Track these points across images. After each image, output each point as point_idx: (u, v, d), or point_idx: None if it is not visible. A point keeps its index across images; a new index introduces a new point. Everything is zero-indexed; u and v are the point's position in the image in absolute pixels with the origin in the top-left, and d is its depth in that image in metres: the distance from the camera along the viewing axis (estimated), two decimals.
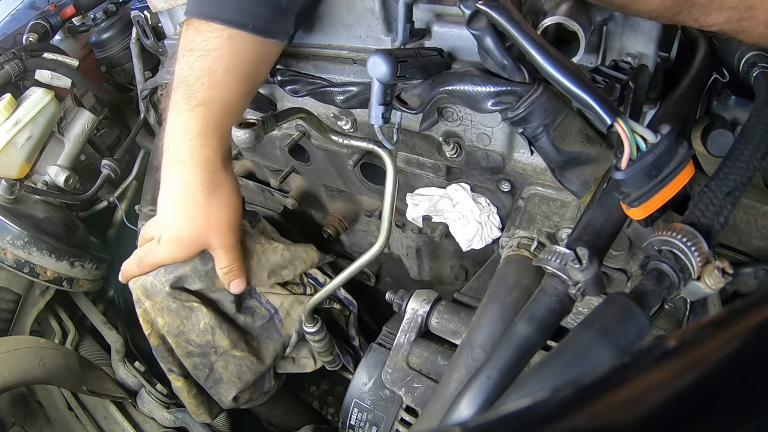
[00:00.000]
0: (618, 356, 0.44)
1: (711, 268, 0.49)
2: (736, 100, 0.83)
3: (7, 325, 1.39)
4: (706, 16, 0.59)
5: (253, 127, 0.73)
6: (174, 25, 1.19)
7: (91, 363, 1.29)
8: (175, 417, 1.28)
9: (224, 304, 1.16)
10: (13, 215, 1.32)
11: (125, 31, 1.56)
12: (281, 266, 1.18)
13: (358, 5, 0.82)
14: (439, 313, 0.90)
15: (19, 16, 1.60)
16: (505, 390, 0.49)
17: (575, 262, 0.51)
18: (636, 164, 0.51)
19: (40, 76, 1.39)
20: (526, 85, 0.65)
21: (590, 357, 0.44)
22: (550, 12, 0.67)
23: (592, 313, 0.48)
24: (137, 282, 1.10)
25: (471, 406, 0.50)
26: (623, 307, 0.47)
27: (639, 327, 0.46)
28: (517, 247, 0.80)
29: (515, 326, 0.53)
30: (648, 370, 0.27)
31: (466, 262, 1.24)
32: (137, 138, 1.63)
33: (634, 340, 0.46)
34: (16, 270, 1.30)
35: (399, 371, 0.87)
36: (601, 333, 0.45)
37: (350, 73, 0.91)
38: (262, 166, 1.43)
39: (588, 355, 0.44)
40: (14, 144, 1.29)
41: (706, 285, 0.49)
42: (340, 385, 1.78)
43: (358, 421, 0.92)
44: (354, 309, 1.31)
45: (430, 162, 0.97)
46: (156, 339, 1.12)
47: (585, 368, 0.44)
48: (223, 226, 0.94)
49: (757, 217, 0.82)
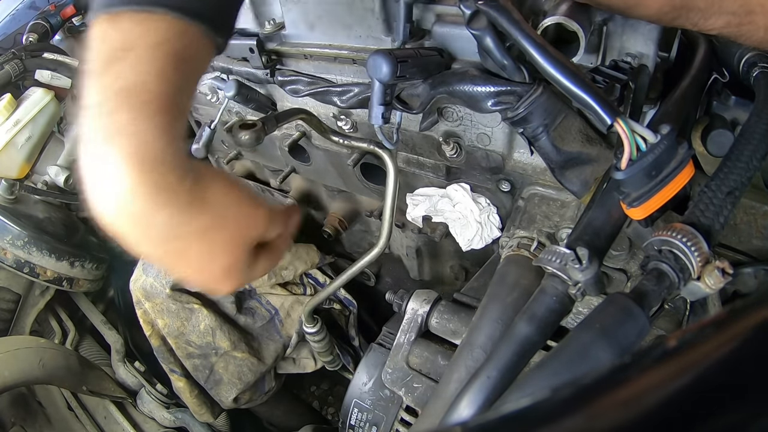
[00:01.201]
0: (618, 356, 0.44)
1: (711, 268, 0.48)
2: (736, 100, 0.83)
3: (7, 325, 1.39)
4: (704, 21, 0.59)
5: (254, 128, 0.73)
6: None
7: (91, 363, 1.29)
8: (175, 417, 1.28)
9: (225, 305, 1.16)
10: (13, 215, 1.32)
11: None
12: (282, 267, 1.18)
13: (358, 5, 0.82)
14: (439, 313, 0.90)
15: (19, 16, 1.60)
16: (505, 390, 0.49)
17: (575, 262, 0.51)
18: (636, 164, 0.51)
19: (40, 76, 1.39)
20: (526, 85, 0.65)
21: (590, 357, 0.44)
22: (550, 12, 0.67)
23: (592, 313, 0.48)
24: (137, 283, 1.10)
25: (471, 406, 0.50)
26: (623, 307, 0.46)
27: (639, 327, 0.46)
28: (517, 247, 0.80)
29: (515, 326, 0.53)
30: (648, 370, 0.27)
31: (466, 262, 1.24)
32: None
33: (634, 340, 0.46)
34: (16, 270, 1.30)
35: (399, 371, 0.87)
36: (601, 333, 0.45)
37: (350, 73, 0.91)
38: (262, 166, 1.43)
39: (588, 355, 0.44)
40: (14, 144, 1.29)
41: (706, 285, 0.49)
42: (340, 385, 1.78)
43: (358, 421, 0.92)
44: (354, 309, 1.31)
45: (430, 162, 0.97)
46: (157, 340, 1.12)
47: (585, 368, 0.44)
48: None
49: (757, 217, 0.82)
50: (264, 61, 0.96)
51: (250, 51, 0.96)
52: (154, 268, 1.08)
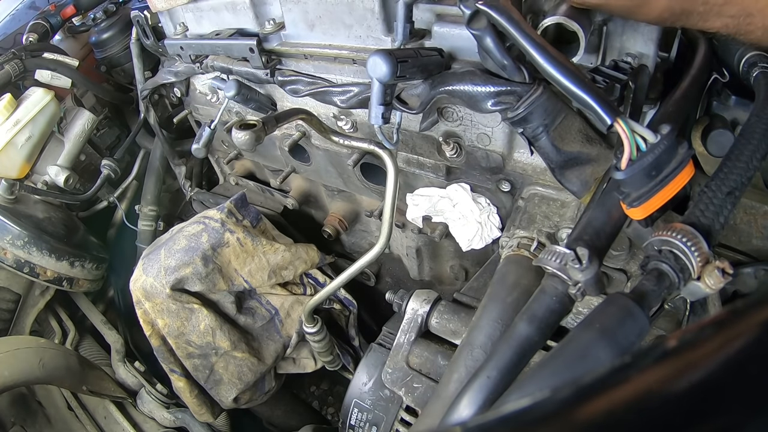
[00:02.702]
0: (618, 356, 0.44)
1: (711, 268, 0.48)
2: (736, 100, 0.83)
3: (7, 325, 1.39)
4: (703, 22, 0.60)
5: (254, 129, 0.73)
6: (174, 25, 1.19)
7: (91, 363, 1.29)
8: (175, 417, 1.28)
9: (225, 305, 1.16)
10: (13, 215, 1.32)
11: (125, 31, 1.56)
12: (282, 267, 1.18)
13: (358, 5, 0.82)
14: (439, 313, 0.90)
15: (19, 16, 1.60)
16: (505, 390, 0.50)
17: (575, 262, 0.51)
18: (636, 164, 0.51)
19: (40, 76, 1.39)
20: (526, 85, 0.65)
21: (590, 357, 0.44)
22: (550, 12, 0.67)
23: (592, 313, 0.48)
24: (137, 283, 1.10)
25: (471, 405, 0.50)
26: (623, 307, 0.46)
27: (639, 327, 0.46)
28: (517, 247, 0.80)
29: (515, 326, 0.53)
30: (648, 370, 0.27)
31: (466, 262, 1.24)
32: (137, 138, 1.63)
33: (634, 340, 0.46)
34: (16, 270, 1.30)
35: (399, 371, 0.87)
36: (601, 333, 0.45)
37: (350, 73, 0.91)
38: (262, 166, 1.43)
39: (588, 355, 0.44)
40: (14, 144, 1.29)
41: (706, 285, 0.49)
42: (340, 385, 1.78)
43: (358, 421, 0.92)
44: (354, 309, 1.31)
45: (430, 162, 0.97)
46: (157, 340, 1.12)
47: (585, 368, 0.44)
48: None
49: (757, 217, 0.82)
50: (264, 61, 0.96)
51: (250, 51, 0.96)
52: (154, 267, 1.08)
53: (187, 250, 1.08)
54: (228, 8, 1.03)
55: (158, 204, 1.61)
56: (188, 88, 1.36)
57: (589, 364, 0.44)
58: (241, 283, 1.14)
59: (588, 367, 0.44)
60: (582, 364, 0.44)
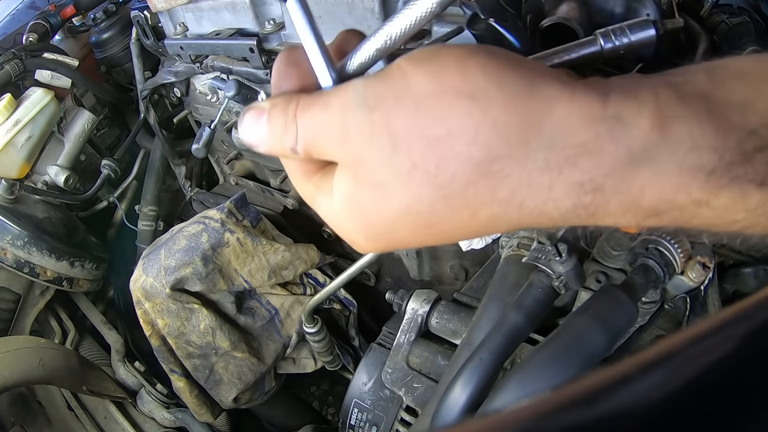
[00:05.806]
0: (610, 339, 0.51)
1: (693, 263, 0.55)
2: None
3: (7, 325, 1.39)
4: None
5: None
6: (174, 25, 1.19)
7: (91, 363, 1.29)
8: (175, 417, 1.28)
9: (225, 305, 1.16)
10: (13, 215, 1.32)
11: (125, 31, 1.56)
12: (282, 267, 1.18)
13: (358, 5, 0.82)
14: (439, 313, 0.90)
15: (19, 16, 1.60)
16: (496, 371, 0.55)
17: (556, 256, 0.57)
18: None
19: (40, 76, 1.39)
20: None
21: (585, 340, 0.51)
22: (550, 12, 0.67)
23: (587, 301, 0.54)
24: (137, 283, 1.10)
25: (466, 386, 0.54)
26: (614, 297, 0.53)
27: (627, 313, 0.52)
28: (517, 247, 0.80)
29: (506, 315, 0.59)
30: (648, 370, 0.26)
31: (466, 262, 1.24)
32: (137, 138, 1.63)
33: (623, 324, 0.52)
34: (16, 270, 1.30)
35: (399, 371, 0.87)
36: (594, 318, 0.51)
37: None
38: (262, 166, 1.43)
39: (583, 338, 0.51)
40: (14, 144, 1.29)
41: (689, 278, 0.55)
42: (340, 385, 1.78)
43: (358, 421, 0.92)
44: (354, 309, 1.31)
45: None
46: (157, 340, 1.12)
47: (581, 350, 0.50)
48: None
49: None
50: (264, 61, 0.96)
51: (250, 51, 0.96)
52: (154, 267, 1.08)
53: (187, 250, 1.08)
54: (228, 8, 1.03)
55: (158, 204, 1.61)
56: (188, 88, 1.36)
57: (585, 346, 0.51)
58: (241, 283, 1.14)
59: (583, 348, 0.51)
60: (578, 346, 0.51)
